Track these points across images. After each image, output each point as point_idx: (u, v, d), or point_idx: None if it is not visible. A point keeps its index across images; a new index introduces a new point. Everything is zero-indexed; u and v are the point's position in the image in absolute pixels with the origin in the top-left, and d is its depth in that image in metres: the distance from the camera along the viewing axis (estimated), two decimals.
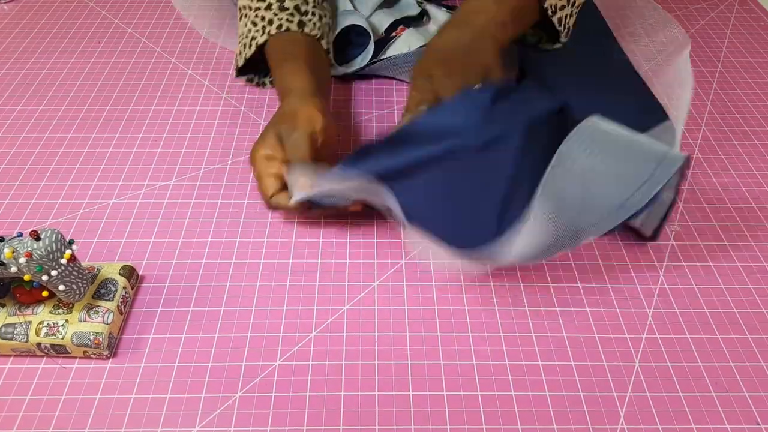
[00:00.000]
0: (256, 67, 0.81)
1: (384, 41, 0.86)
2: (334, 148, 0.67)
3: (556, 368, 0.54)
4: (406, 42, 0.85)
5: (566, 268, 0.62)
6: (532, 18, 0.70)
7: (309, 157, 0.60)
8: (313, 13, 0.76)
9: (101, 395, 0.51)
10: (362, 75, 0.87)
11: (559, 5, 0.68)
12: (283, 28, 0.73)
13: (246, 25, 0.76)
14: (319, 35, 0.75)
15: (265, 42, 0.73)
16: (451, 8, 0.91)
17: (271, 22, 0.73)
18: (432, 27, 0.90)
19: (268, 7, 0.74)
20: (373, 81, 0.86)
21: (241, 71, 0.80)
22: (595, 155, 0.53)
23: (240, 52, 0.78)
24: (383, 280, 0.60)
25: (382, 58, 0.84)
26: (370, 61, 0.84)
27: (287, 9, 0.74)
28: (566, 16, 0.71)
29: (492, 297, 0.59)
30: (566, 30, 0.72)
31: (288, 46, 0.73)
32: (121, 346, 0.55)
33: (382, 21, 0.88)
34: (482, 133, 0.53)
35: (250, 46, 0.75)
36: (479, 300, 0.59)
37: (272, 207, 0.61)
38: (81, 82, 0.85)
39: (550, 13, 0.68)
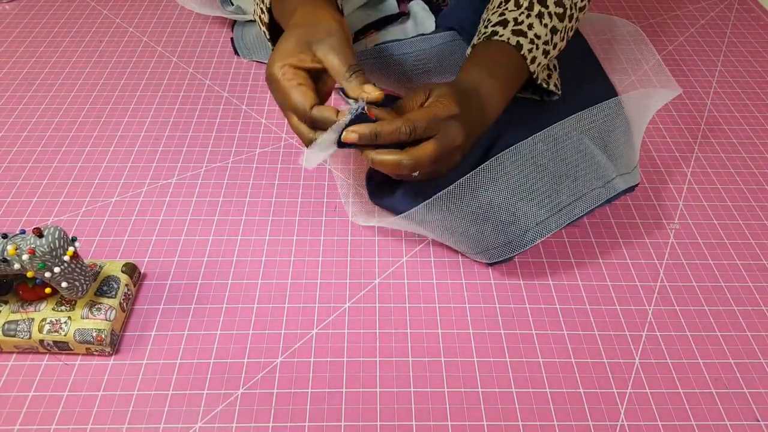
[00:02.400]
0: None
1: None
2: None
3: (557, 365, 0.54)
4: (373, 43, 0.83)
5: (566, 265, 0.62)
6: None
7: (356, 60, 0.52)
8: None
9: (104, 392, 0.51)
10: None
11: (544, 73, 0.67)
12: None
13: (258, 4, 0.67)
14: None
15: None
16: (431, 5, 0.89)
17: None
18: (409, 25, 0.88)
19: None
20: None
21: (270, 33, 0.68)
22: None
23: (259, 18, 0.67)
24: (384, 278, 0.61)
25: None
26: None
27: None
28: (547, 76, 0.68)
29: (493, 294, 0.59)
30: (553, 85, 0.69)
31: None
32: (124, 343, 0.55)
33: (356, 22, 0.87)
34: None
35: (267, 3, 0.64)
36: (480, 297, 0.59)
37: (313, 120, 0.51)
38: (83, 81, 0.85)
39: (538, 81, 0.66)
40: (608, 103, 0.64)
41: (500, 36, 0.62)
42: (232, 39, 0.93)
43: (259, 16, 0.69)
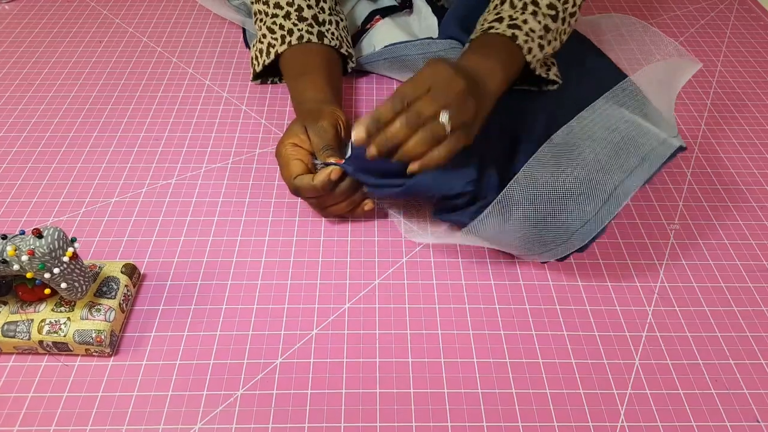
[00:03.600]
0: (268, 71, 0.82)
1: (359, 34, 0.87)
2: None
3: (557, 366, 0.54)
4: (380, 34, 0.85)
5: (567, 266, 0.62)
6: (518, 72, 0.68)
7: (334, 143, 0.62)
8: (330, 22, 0.76)
9: (103, 393, 0.51)
10: (361, 73, 0.87)
11: (538, 58, 0.68)
12: (304, 39, 0.74)
13: (261, 29, 0.77)
14: (338, 45, 0.76)
15: (284, 51, 0.75)
16: (434, 6, 0.90)
17: (291, 32, 0.74)
18: (413, 19, 0.89)
19: (287, 16, 0.75)
20: (374, 79, 0.86)
21: (256, 76, 0.82)
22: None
23: (256, 57, 0.79)
24: (384, 278, 0.61)
25: (356, 56, 0.85)
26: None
27: (306, 19, 0.75)
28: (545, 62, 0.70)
29: (493, 295, 0.59)
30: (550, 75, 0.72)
31: (307, 57, 0.74)
32: (123, 344, 0.55)
33: (361, 12, 0.89)
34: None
35: (268, 53, 0.76)
36: (480, 298, 0.59)
37: (295, 188, 0.61)
38: (82, 82, 0.85)
39: (533, 67, 0.68)
40: (630, 79, 0.65)
41: (496, 29, 0.66)
42: (244, 31, 0.93)
43: (253, 59, 0.80)
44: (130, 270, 0.58)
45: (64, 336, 0.52)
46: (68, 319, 0.52)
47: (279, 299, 0.59)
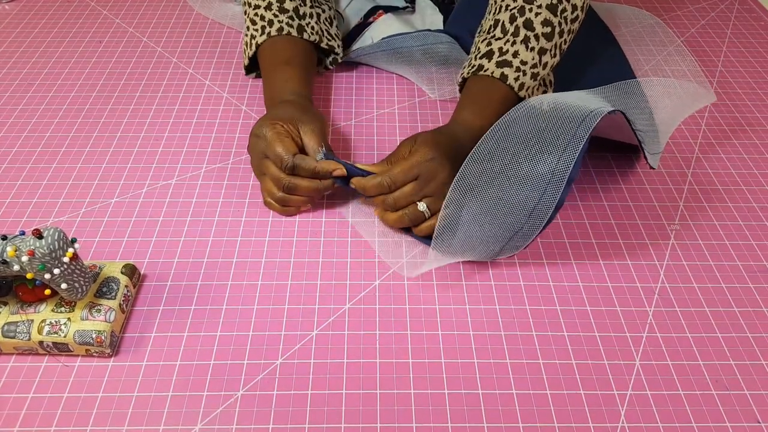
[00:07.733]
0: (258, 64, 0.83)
1: (361, 26, 0.87)
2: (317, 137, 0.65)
3: (557, 366, 0.54)
4: (380, 27, 0.85)
5: (567, 267, 0.62)
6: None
7: (320, 144, 0.64)
8: (311, 15, 0.76)
9: (103, 393, 0.51)
10: (361, 70, 0.87)
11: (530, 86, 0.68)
12: (284, 32, 0.74)
13: (245, 22, 0.77)
14: (317, 39, 0.76)
15: (264, 42, 0.75)
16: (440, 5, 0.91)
17: (271, 23, 0.74)
18: (416, 17, 0.89)
19: (268, 6, 0.75)
20: (374, 71, 0.86)
21: (248, 69, 0.82)
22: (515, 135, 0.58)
23: (244, 51, 0.79)
24: (385, 279, 0.61)
25: (355, 48, 0.86)
26: (349, 48, 0.86)
27: (287, 11, 0.75)
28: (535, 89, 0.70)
29: (493, 295, 0.59)
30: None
31: (286, 49, 0.74)
32: (123, 345, 0.55)
33: (363, 6, 0.89)
34: None
35: (251, 45, 0.76)
36: (480, 298, 0.59)
37: (293, 165, 0.62)
38: (82, 82, 0.85)
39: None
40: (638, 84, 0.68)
41: (485, 70, 0.66)
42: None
43: (243, 53, 0.80)
44: (131, 270, 0.58)
45: (65, 336, 0.52)
46: (68, 319, 0.52)
47: (279, 300, 0.58)
